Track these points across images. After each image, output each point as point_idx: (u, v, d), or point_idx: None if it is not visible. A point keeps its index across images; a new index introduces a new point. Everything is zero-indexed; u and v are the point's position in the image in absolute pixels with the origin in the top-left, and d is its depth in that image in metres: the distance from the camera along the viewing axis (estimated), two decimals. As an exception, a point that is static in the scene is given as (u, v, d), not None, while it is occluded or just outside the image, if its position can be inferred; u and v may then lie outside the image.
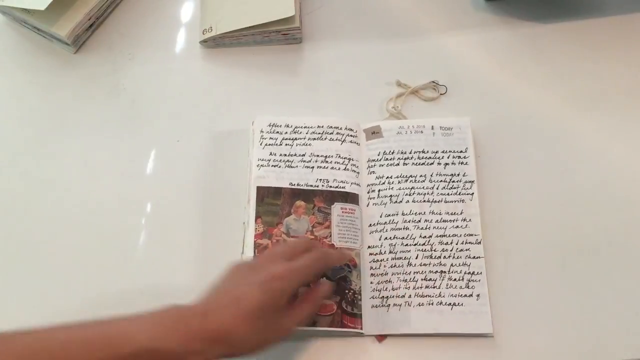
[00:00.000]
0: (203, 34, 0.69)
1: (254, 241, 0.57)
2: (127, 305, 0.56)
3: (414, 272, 0.56)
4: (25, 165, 0.65)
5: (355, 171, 0.61)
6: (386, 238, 0.58)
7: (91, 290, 0.58)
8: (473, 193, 0.59)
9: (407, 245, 0.57)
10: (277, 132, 0.62)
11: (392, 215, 0.59)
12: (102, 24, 0.72)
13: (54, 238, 0.60)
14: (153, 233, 0.60)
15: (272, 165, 0.60)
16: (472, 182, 0.60)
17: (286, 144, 0.62)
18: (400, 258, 0.57)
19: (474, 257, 0.56)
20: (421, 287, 0.56)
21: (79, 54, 0.71)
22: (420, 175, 0.60)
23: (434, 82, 0.67)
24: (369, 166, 0.62)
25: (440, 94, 0.66)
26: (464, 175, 0.60)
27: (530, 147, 0.63)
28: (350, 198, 0.60)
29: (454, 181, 0.60)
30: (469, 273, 0.56)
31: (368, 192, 0.60)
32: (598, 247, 0.57)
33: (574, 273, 0.56)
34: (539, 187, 0.60)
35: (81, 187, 0.63)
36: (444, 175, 0.60)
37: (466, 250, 0.57)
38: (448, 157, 0.61)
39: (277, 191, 0.59)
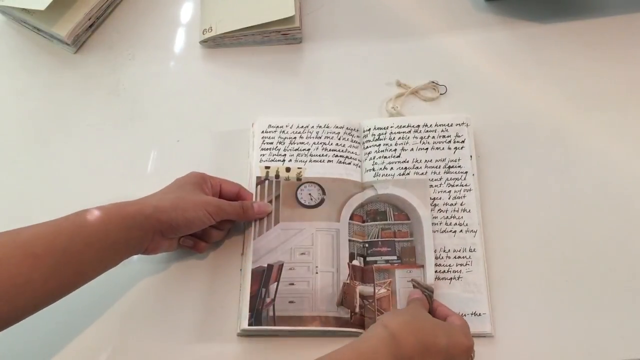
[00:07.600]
0: (203, 34, 0.70)
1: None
2: (126, 304, 0.56)
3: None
4: (25, 165, 0.65)
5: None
6: None
7: (90, 290, 0.57)
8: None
9: None
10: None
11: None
12: (102, 24, 0.73)
13: (54, 238, 0.60)
14: (153, 233, 0.60)
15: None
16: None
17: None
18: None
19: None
20: None
21: (79, 54, 0.71)
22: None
23: (433, 82, 0.67)
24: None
25: (440, 94, 0.66)
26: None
27: (530, 147, 0.63)
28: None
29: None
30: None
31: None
32: (598, 247, 0.57)
33: (574, 273, 0.56)
34: (539, 187, 0.60)
35: (81, 187, 0.63)
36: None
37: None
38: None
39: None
